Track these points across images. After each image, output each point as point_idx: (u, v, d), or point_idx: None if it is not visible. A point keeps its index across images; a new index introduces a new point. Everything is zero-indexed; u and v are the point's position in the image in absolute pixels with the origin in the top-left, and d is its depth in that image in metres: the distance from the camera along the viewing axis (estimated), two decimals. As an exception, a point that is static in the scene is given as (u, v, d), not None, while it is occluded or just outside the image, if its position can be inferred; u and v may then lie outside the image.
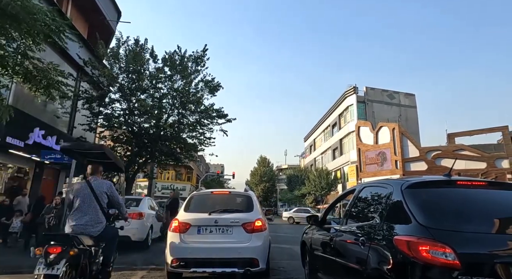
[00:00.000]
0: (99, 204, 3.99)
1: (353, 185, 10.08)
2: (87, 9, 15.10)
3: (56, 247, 3.26)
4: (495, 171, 22.76)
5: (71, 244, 3.38)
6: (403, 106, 36.03)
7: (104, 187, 4.13)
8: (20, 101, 10.37)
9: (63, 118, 13.52)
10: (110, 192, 4.16)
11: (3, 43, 5.76)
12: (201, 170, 56.20)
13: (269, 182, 58.72)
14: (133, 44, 13.74)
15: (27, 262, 6.74)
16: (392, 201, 2.72)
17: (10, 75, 6.29)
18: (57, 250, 3.23)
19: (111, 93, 13.89)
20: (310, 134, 53.19)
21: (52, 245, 3.28)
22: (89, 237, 3.75)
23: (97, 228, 3.89)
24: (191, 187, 39.99)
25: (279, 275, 5.70)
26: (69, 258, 3.26)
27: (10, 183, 11.74)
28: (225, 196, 6.06)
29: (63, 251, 3.24)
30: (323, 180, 34.70)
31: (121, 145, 14.76)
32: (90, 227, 3.85)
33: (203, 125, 15.01)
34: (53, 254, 3.19)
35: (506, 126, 23.50)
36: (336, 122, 39.54)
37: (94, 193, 4.00)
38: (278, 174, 68.28)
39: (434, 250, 2.10)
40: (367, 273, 2.61)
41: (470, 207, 2.55)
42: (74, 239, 3.46)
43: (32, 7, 5.38)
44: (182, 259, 4.72)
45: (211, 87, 14.69)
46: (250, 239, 4.86)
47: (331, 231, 3.77)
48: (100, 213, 3.98)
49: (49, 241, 3.36)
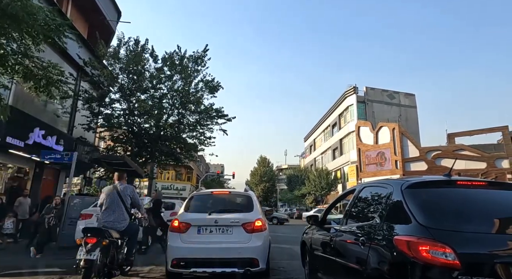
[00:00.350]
0: (124, 204, 4.85)
1: (353, 185, 10.07)
2: (87, 9, 15.10)
3: (92, 238, 4.13)
4: (495, 171, 22.74)
5: (103, 236, 4.24)
6: (403, 106, 36.03)
7: (128, 191, 5.00)
8: (20, 101, 10.37)
9: (63, 118, 13.52)
10: (132, 195, 5.03)
11: (3, 43, 5.76)
12: (201, 170, 56.19)
13: (269, 182, 58.70)
14: (133, 44, 13.73)
15: (26, 262, 6.77)
16: (392, 201, 2.72)
17: (10, 75, 6.28)
18: (93, 240, 4.11)
19: (111, 93, 13.89)
20: (310, 135, 53.19)
21: (89, 237, 4.14)
22: (116, 231, 4.62)
23: (122, 224, 4.76)
24: (191, 187, 39.99)
25: (279, 275, 5.69)
26: (102, 247, 4.14)
27: (10, 183, 11.74)
28: (225, 196, 6.07)
29: (97, 242, 4.12)
30: (323, 180, 34.71)
31: (121, 145, 14.75)
32: (117, 223, 4.72)
33: (203, 125, 15.00)
34: (90, 243, 4.06)
35: (506, 126, 23.49)
36: (336, 122, 39.54)
37: (120, 195, 4.86)
38: (278, 174, 68.29)
39: (434, 250, 2.10)
40: (367, 273, 2.61)
41: (470, 207, 2.55)
42: (105, 232, 4.32)
43: (32, 6, 5.37)
44: (182, 259, 4.72)
45: (211, 87, 14.68)
46: (250, 239, 4.86)
47: (331, 231, 3.76)
48: (125, 212, 4.86)
49: (87, 234, 4.19)
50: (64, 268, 6.00)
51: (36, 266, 6.35)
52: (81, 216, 8.37)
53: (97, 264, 4.04)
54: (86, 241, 4.09)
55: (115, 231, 4.60)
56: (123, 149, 14.93)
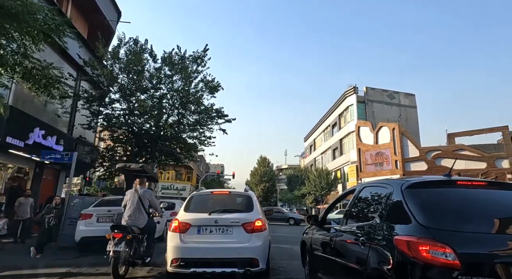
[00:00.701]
0: (143, 205, 5.79)
1: (353, 185, 10.07)
2: (87, 9, 15.10)
3: (119, 233, 5.12)
4: (495, 171, 22.74)
5: (127, 232, 5.24)
6: (403, 106, 36.01)
7: (146, 194, 5.95)
8: (20, 101, 10.37)
9: (63, 118, 13.52)
10: (150, 197, 6.01)
11: (3, 43, 5.75)
12: (201, 170, 56.18)
13: (269, 182, 58.62)
14: (132, 43, 13.72)
15: (26, 262, 6.77)
16: (392, 201, 2.72)
17: (10, 75, 6.28)
18: (119, 235, 5.10)
19: (111, 93, 13.88)
20: (310, 135, 53.16)
21: (116, 232, 5.14)
22: (137, 228, 5.57)
23: (142, 222, 5.71)
24: (191, 187, 39.97)
25: (279, 275, 5.69)
26: (126, 241, 5.13)
27: (10, 183, 11.74)
28: (225, 196, 6.06)
29: (123, 236, 5.11)
30: (323, 180, 34.67)
31: (121, 145, 14.74)
32: (138, 221, 5.65)
33: (203, 125, 14.98)
34: (117, 238, 5.07)
35: (506, 126, 23.48)
36: (336, 122, 39.51)
37: (140, 198, 5.80)
38: (278, 174, 68.26)
39: (434, 250, 2.10)
40: (367, 273, 2.61)
41: (470, 207, 2.55)
42: (129, 229, 5.34)
43: (32, 5, 5.36)
44: (182, 259, 4.72)
45: (211, 88, 14.67)
46: (250, 239, 4.86)
47: (331, 231, 3.76)
48: (144, 212, 5.81)
49: (114, 230, 5.22)
50: (64, 268, 6.01)
51: (36, 266, 6.35)
52: (81, 216, 8.35)
53: (123, 255, 5.05)
54: (114, 236, 5.09)
55: (136, 227, 5.55)
56: (123, 149, 14.91)
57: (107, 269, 5.93)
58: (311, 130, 52.35)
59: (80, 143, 13.87)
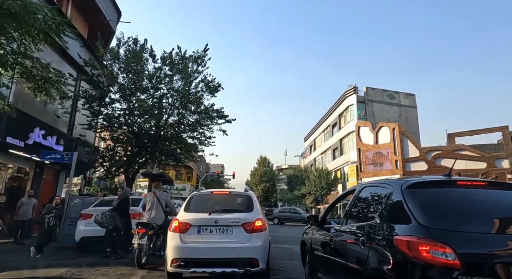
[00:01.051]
0: (161, 206, 6.65)
1: (353, 185, 10.07)
2: (87, 9, 15.09)
3: (142, 229, 6.11)
4: (495, 171, 22.73)
5: (149, 228, 6.19)
6: (403, 106, 35.99)
7: (163, 196, 6.87)
8: (20, 101, 10.36)
9: (63, 118, 13.52)
10: (166, 199, 6.91)
11: (3, 43, 5.74)
12: (201, 170, 56.21)
13: (269, 182, 58.66)
14: (132, 43, 13.71)
15: (26, 262, 6.76)
16: (392, 201, 2.72)
17: (9, 75, 6.27)
18: (143, 231, 6.11)
19: (111, 93, 13.88)
20: (310, 135, 53.15)
21: (140, 228, 6.11)
22: (156, 225, 6.41)
23: (160, 219, 6.55)
24: (191, 187, 40.01)
25: (279, 275, 5.69)
26: (148, 236, 6.13)
27: (10, 183, 11.74)
28: (225, 196, 6.06)
29: (145, 232, 6.11)
30: (323, 180, 34.66)
31: (121, 145, 14.74)
32: (157, 219, 6.50)
33: (203, 125, 14.98)
34: (140, 233, 6.07)
35: (506, 126, 23.47)
36: (336, 122, 39.50)
37: (158, 199, 6.67)
38: (278, 174, 68.24)
39: (434, 250, 2.09)
40: (367, 273, 2.61)
41: (470, 207, 2.54)
42: (150, 225, 6.25)
43: (31, 5, 5.35)
44: (182, 259, 4.72)
45: (211, 88, 14.66)
46: (250, 239, 4.86)
47: (331, 231, 3.76)
48: (162, 211, 6.65)
49: (138, 226, 6.19)
50: (64, 268, 6.01)
51: (36, 266, 6.35)
52: (81, 216, 8.36)
53: (145, 247, 6.00)
54: (138, 231, 6.06)
55: (155, 224, 6.38)
56: (123, 149, 14.91)
57: (107, 269, 5.95)
58: (311, 130, 52.34)
59: (80, 143, 13.87)
